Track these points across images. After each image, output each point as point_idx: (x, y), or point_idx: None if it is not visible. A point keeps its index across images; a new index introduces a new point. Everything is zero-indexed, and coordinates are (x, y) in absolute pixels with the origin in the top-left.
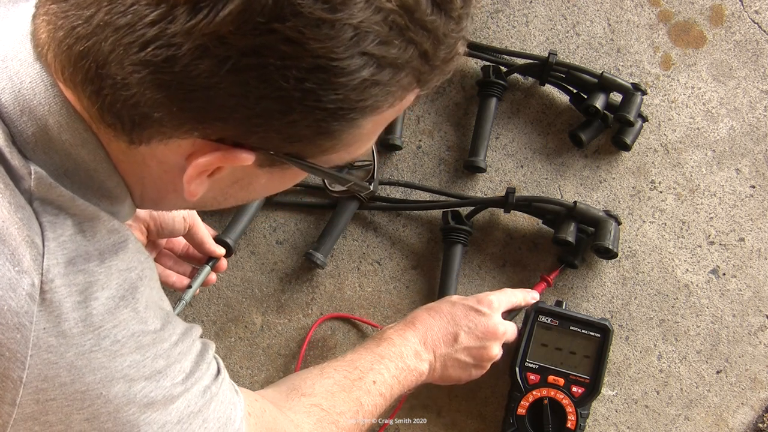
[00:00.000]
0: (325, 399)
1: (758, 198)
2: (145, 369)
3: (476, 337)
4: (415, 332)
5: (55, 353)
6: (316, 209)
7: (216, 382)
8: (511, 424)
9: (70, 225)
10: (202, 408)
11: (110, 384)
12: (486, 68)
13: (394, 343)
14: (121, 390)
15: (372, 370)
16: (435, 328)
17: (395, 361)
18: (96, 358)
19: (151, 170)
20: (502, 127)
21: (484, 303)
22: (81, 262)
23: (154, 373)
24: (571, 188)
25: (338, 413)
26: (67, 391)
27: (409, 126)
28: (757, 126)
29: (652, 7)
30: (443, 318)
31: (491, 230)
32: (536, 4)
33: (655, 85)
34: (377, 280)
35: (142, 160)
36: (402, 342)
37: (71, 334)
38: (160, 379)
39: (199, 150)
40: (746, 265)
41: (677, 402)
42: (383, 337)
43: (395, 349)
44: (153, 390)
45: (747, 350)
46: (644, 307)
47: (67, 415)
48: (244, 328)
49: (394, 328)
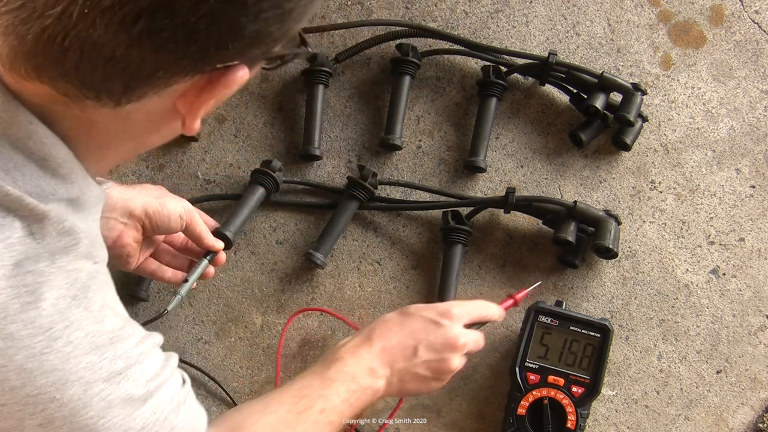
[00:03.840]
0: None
1: (758, 198)
2: (102, 371)
3: (435, 350)
4: (371, 348)
5: (3, 356)
6: (316, 209)
7: (183, 390)
8: (511, 424)
9: (18, 227)
10: (169, 415)
11: (64, 387)
12: (486, 68)
13: (347, 363)
14: (77, 393)
15: (321, 397)
16: (393, 341)
17: (346, 384)
18: (48, 360)
19: (131, 125)
20: (502, 127)
21: (444, 314)
22: (30, 263)
23: (112, 374)
24: (571, 188)
25: None
26: (17, 396)
27: (409, 126)
28: (757, 126)
29: (652, 7)
30: (401, 331)
31: (491, 230)
32: (536, 4)
33: (655, 85)
34: (377, 280)
35: (125, 116)
36: (355, 361)
37: (20, 336)
38: (120, 381)
39: (196, 85)
40: (746, 265)
41: (677, 402)
42: (335, 357)
43: (347, 370)
44: (112, 393)
45: (747, 350)
46: (644, 307)
47: (20, 420)
48: (244, 328)
49: (348, 345)
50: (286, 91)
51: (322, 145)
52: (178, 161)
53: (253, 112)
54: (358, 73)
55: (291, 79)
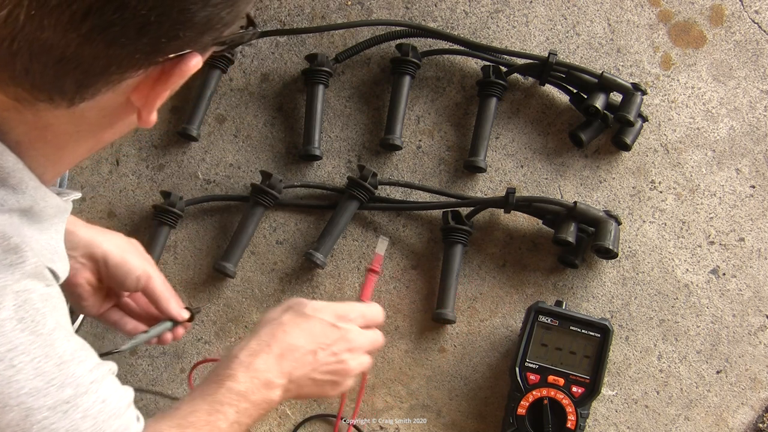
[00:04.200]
0: None
1: (758, 198)
2: (48, 398)
3: (334, 354)
4: (269, 356)
5: None
6: (316, 209)
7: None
8: (511, 424)
9: None
10: None
11: (3, 411)
12: (486, 68)
13: (238, 380)
14: (15, 419)
15: (208, 423)
16: (291, 345)
17: (236, 405)
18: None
19: (86, 123)
20: (502, 127)
21: (342, 318)
22: None
23: (59, 403)
24: (571, 188)
25: None
26: None
27: (409, 126)
28: (757, 126)
29: (652, 7)
30: (300, 334)
31: (491, 230)
32: (536, 4)
33: (655, 85)
34: (377, 280)
35: (80, 114)
36: (248, 378)
37: None
38: (68, 410)
39: (150, 77)
40: (746, 265)
41: (677, 402)
42: (227, 372)
43: (239, 388)
44: (56, 422)
45: (747, 350)
46: (644, 307)
47: None
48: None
49: (244, 355)
50: (286, 91)
51: (322, 145)
52: (178, 161)
53: (253, 112)
54: (358, 73)
55: (291, 79)
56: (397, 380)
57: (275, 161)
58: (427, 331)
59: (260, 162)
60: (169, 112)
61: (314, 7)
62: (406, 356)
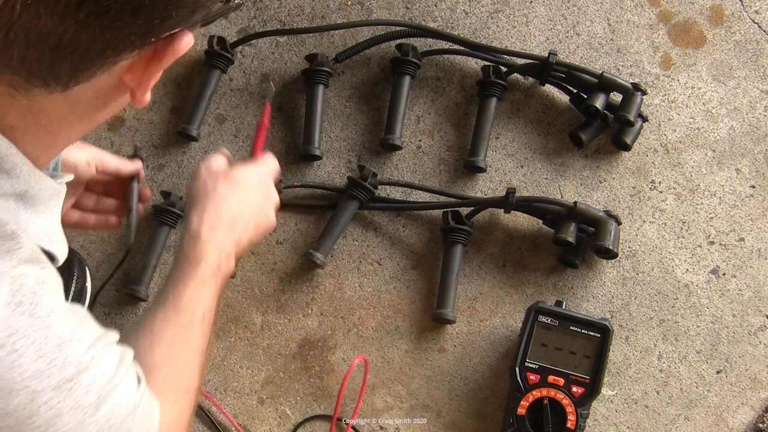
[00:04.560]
0: (170, 367)
1: (758, 198)
2: (51, 378)
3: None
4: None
5: None
6: (316, 209)
7: (138, 391)
8: (511, 424)
9: None
10: (125, 419)
11: (9, 396)
12: (486, 68)
13: (208, 256)
14: (23, 402)
15: (198, 302)
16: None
17: (214, 279)
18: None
19: (79, 106)
20: (502, 127)
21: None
22: None
23: (62, 381)
24: (571, 188)
25: (187, 377)
26: None
27: (409, 126)
28: (757, 126)
29: (652, 7)
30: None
31: (491, 230)
32: (536, 4)
33: (655, 85)
34: (377, 280)
35: (74, 97)
36: (215, 253)
37: None
38: (72, 388)
39: (143, 57)
40: (746, 265)
41: (677, 402)
42: (198, 251)
43: (212, 263)
44: (62, 401)
45: (747, 350)
46: (644, 307)
47: None
48: (244, 328)
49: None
50: (286, 91)
51: (322, 145)
52: (178, 161)
53: (253, 112)
54: (358, 73)
55: (291, 79)
56: (397, 380)
57: None
58: (427, 331)
59: None
60: (169, 112)
61: (314, 7)
62: (406, 356)
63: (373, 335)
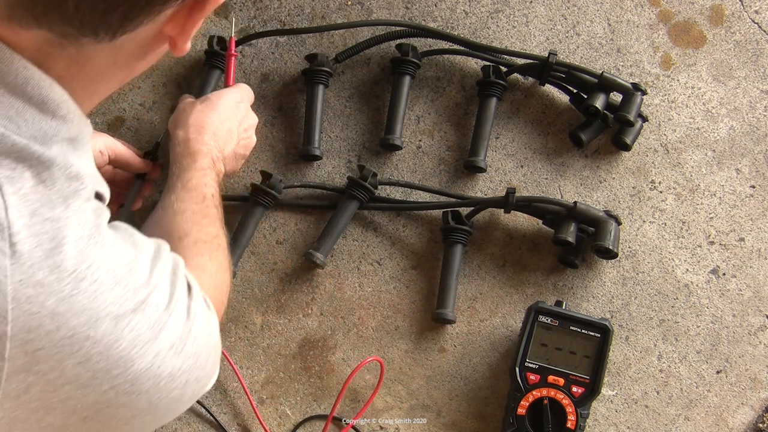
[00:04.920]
0: (199, 231)
1: (758, 198)
2: (129, 302)
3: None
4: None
5: (36, 303)
6: (316, 209)
7: (192, 299)
8: (511, 424)
9: (29, 177)
10: (192, 328)
11: (96, 324)
12: (486, 68)
13: (203, 152)
14: (108, 329)
15: (205, 185)
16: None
17: (213, 169)
18: (78, 302)
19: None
20: (502, 127)
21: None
22: (46, 211)
23: (138, 304)
24: (571, 188)
25: (214, 236)
26: (53, 339)
27: (409, 126)
28: (757, 126)
29: (652, 7)
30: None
31: (491, 230)
32: (536, 4)
33: (655, 85)
34: (377, 280)
35: (119, 46)
36: (206, 151)
37: (48, 282)
38: (146, 308)
39: (185, 6)
40: (746, 265)
41: (677, 402)
42: (192, 149)
43: (207, 158)
44: (139, 321)
45: (747, 350)
46: (644, 307)
47: (59, 361)
48: (244, 328)
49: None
50: (286, 91)
51: (322, 145)
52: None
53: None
54: (358, 73)
55: (291, 79)
56: (397, 380)
57: (275, 161)
58: (427, 331)
59: (260, 162)
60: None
61: (314, 7)
62: (406, 356)
63: (373, 335)
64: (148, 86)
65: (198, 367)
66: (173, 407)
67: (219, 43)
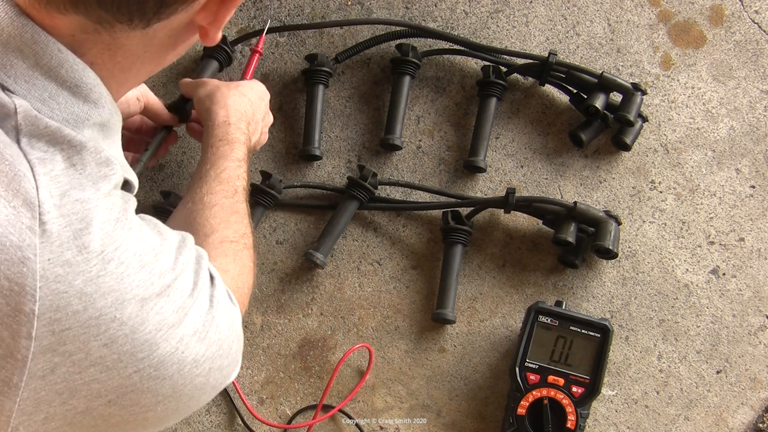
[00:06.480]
0: (226, 229)
1: (758, 198)
2: (155, 286)
3: (266, 124)
4: (246, 127)
5: (64, 282)
6: (316, 209)
7: (215, 289)
8: (511, 424)
9: (60, 160)
10: (215, 316)
11: (122, 306)
12: (486, 68)
13: (240, 140)
14: (134, 311)
15: (237, 177)
16: (249, 116)
17: (245, 159)
18: (105, 283)
19: (154, 44)
20: (502, 127)
21: (262, 96)
22: (76, 192)
23: (163, 288)
24: (571, 188)
25: (241, 235)
26: (80, 319)
27: (409, 126)
28: (757, 126)
29: (652, 7)
30: (251, 108)
31: (491, 230)
32: (536, 4)
33: (655, 85)
34: (377, 280)
35: (152, 35)
36: (245, 138)
37: (76, 262)
38: (171, 293)
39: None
40: (746, 265)
41: (677, 402)
42: (231, 134)
43: (243, 148)
44: (164, 306)
45: (747, 350)
46: (644, 307)
47: (85, 342)
48: (244, 328)
49: (234, 122)
50: (286, 91)
51: (322, 145)
52: (178, 161)
53: None
54: (358, 73)
55: (291, 79)
56: (397, 380)
57: (275, 161)
58: (427, 331)
59: (260, 162)
60: None
61: (314, 7)
62: (406, 356)
63: (373, 335)
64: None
65: (221, 355)
66: (197, 395)
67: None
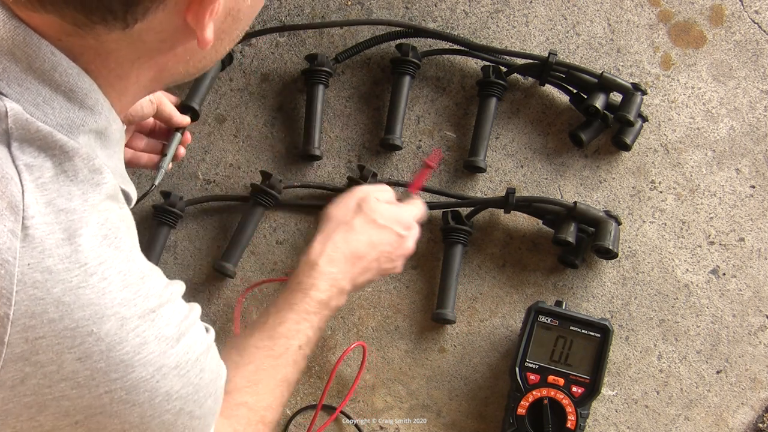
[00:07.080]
0: (250, 392)
1: (758, 198)
2: (137, 308)
3: (392, 261)
4: (343, 264)
5: (41, 289)
6: (316, 209)
7: (209, 336)
8: (511, 424)
9: (50, 167)
10: (200, 356)
11: (101, 321)
12: (486, 68)
13: (320, 289)
14: (113, 328)
15: (298, 332)
16: (362, 255)
17: (320, 312)
18: (84, 295)
19: (145, 47)
20: (502, 127)
21: (408, 227)
22: (62, 201)
23: (146, 312)
24: (571, 188)
25: (264, 407)
26: (56, 328)
27: (409, 126)
28: (757, 126)
29: (652, 7)
30: (370, 244)
31: (491, 230)
32: (536, 4)
33: (655, 85)
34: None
35: (137, 37)
36: (328, 286)
37: (57, 270)
38: (155, 318)
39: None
40: (746, 265)
41: (677, 402)
42: (309, 283)
43: (321, 297)
44: (146, 330)
45: (747, 350)
46: (644, 307)
47: (59, 354)
48: (243, 328)
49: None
50: (286, 91)
51: (322, 145)
52: (177, 161)
53: (253, 112)
54: (358, 73)
55: (291, 79)
56: (397, 380)
57: (275, 161)
58: (427, 331)
59: (260, 162)
60: None
61: (314, 7)
62: (406, 356)
63: (373, 335)
64: None
65: (194, 401)
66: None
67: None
